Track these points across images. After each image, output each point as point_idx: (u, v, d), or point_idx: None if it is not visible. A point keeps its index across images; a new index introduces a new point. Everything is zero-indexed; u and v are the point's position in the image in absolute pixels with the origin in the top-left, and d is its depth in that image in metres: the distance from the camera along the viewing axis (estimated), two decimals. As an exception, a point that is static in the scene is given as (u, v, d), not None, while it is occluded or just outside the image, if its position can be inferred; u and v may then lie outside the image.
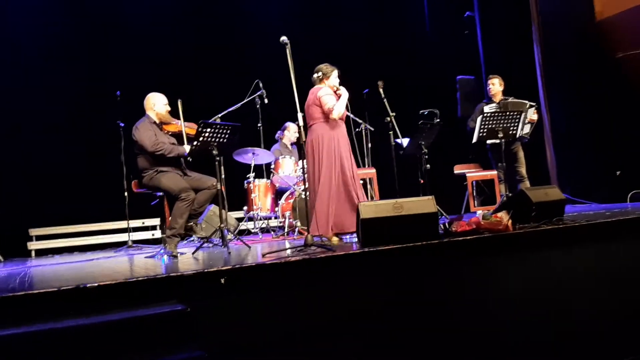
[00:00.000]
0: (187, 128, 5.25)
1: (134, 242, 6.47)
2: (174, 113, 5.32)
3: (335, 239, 4.76)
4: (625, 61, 7.34)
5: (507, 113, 5.70)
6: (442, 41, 9.11)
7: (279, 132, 7.20)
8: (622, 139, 7.48)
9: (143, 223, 7.39)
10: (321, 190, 4.89)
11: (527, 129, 6.40)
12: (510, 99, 6.57)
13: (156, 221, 7.33)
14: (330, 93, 5.06)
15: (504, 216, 4.09)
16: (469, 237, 3.84)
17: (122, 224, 6.86)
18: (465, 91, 8.47)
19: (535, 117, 6.48)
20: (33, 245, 6.99)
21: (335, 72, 5.18)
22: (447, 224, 4.10)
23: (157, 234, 7.27)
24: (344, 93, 5.06)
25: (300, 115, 4.28)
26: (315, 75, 5.17)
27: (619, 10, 7.31)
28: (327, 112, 4.97)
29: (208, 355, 2.75)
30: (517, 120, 5.69)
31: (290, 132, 7.08)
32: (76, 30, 7.44)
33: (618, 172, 7.54)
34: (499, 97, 6.68)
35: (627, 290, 4.20)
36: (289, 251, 3.99)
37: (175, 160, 5.12)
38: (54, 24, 7.33)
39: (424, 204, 3.98)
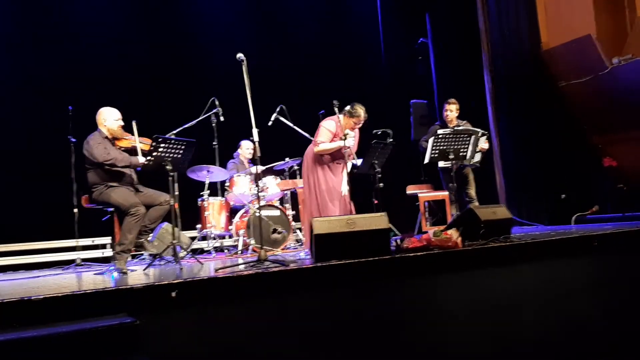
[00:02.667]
0: (140, 143, 5.20)
1: (83, 260, 6.28)
2: (127, 132, 5.26)
3: None
4: (568, 90, 7.69)
5: (458, 135, 5.85)
6: (396, 66, 9.34)
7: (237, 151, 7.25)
8: (566, 164, 7.80)
9: (93, 241, 7.20)
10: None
11: (477, 157, 6.41)
12: (463, 126, 6.62)
13: (107, 240, 7.14)
14: (331, 129, 5.29)
15: (453, 233, 4.20)
16: (419, 253, 3.92)
17: (71, 242, 6.66)
18: (418, 115, 8.66)
19: (486, 145, 6.48)
20: (-25, 264, 6.71)
21: (361, 119, 5.34)
22: (399, 241, 4.18)
23: (108, 252, 7.07)
24: (348, 140, 5.21)
25: (255, 131, 4.32)
26: (345, 108, 5.34)
27: (563, 41, 7.65)
28: (314, 142, 5.29)
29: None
30: (467, 142, 5.84)
31: (244, 149, 7.11)
32: (27, 43, 7.28)
33: (563, 196, 7.85)
34: (454, 122, 6.69)
35: (569, 306, 4.36)
36: (242, 266, 3.98)
37: (126, 175, 5.05)
38: (5, 35, 7.17)
39: (376, 220, 4.05)
